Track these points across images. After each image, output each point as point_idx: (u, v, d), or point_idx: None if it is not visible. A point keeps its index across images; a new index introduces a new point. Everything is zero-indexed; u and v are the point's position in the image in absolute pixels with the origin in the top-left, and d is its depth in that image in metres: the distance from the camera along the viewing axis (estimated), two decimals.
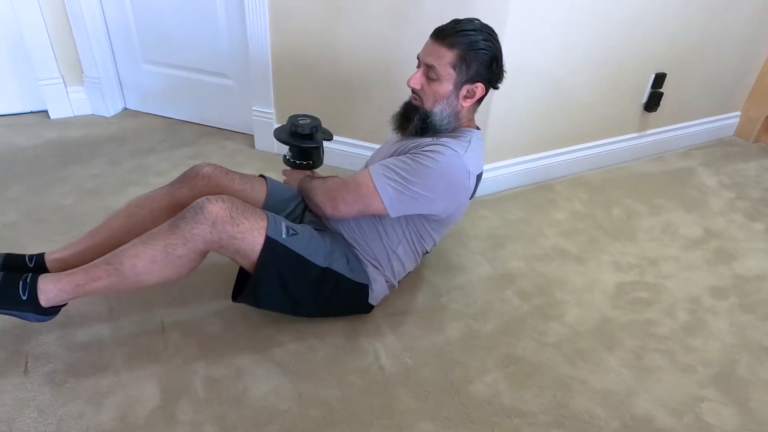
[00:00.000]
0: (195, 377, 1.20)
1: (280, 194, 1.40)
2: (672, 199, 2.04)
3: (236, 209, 1.12)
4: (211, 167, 1.34)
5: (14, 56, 2.21)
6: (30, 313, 1.10)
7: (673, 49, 2.07)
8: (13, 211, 1.71)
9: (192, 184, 1.31)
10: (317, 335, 1.32)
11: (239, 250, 1.13)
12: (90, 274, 1.09)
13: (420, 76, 1.18)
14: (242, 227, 1.11)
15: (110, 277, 1.09)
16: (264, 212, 1.19)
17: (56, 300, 1.11)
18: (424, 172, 1.14)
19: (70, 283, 1.09)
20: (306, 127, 1.32)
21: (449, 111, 1.19)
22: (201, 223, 1.08)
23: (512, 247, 1.71)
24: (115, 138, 2.22)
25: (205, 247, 1.11)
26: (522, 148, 1.96)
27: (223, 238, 1.10)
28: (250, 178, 1.38)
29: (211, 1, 2.05)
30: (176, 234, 1.09)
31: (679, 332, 1.41)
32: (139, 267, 1.09)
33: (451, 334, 1.36)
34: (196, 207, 1.10)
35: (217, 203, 1.10)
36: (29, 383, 1.15)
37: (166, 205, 1.28)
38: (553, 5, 1.67)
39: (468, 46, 1.13)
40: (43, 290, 1.09)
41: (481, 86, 1.19)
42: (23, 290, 1.08)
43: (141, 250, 1.09)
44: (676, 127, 2.36)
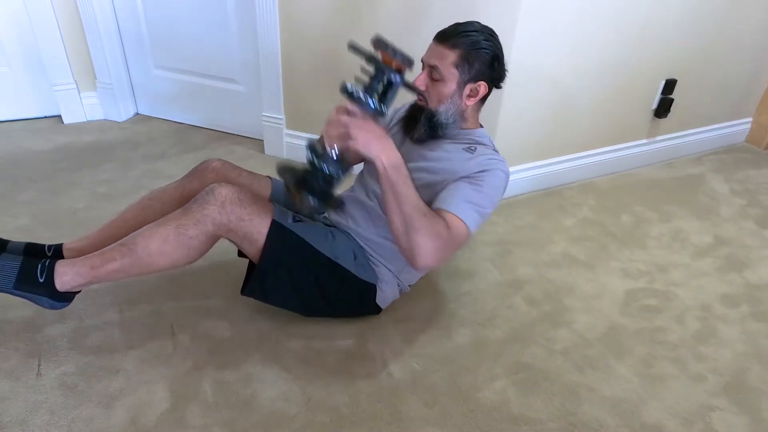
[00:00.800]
0: (204, 381, 1.20)
1: (285, 198, 1.41)
2: (682, 206, 2.02)
3: (244, 194, 1.17)
4: (220, 162, 1.38)
5: (29, 63, 2.25)
6: (45, 297, 1.13)
7: (683, 55, 2.06)
8: (25, 214, 1.74)
9: (201, 177, 1.35)
10: (326, 340, 1.32)
11: (247, 235, 1.16)
12: (105, 256, 1.13)
13: (424, 77, 1.20)
14: (249, 209, 1.15)
15: (123, 258, 1.12)
16: (270, 203, 1.24)
17: (71, 284, 1.14)
18: (492, 194, 1.18)
19: (85, 266, 1.13)
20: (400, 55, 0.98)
21: (454, 110, 1.21)
22: (211, 204, 1.13)
23: (521, 253, 1.71)
24: (127, 143, 2.25)
25: (214, 229, 1.14)
26: (531, 154, 1.96)
27: (232, 220, 1.14)
28: (256, 175, 1.42)
29: (223, 8, 2.07)
30: (188, 215, 1.13)
31: (690, 340, 1.40)
32: (151, 247, 1.12)
33: (459, 341, 1.36)
34: (207, 189, 1.16)
35: (227, 187, 1.16)
36: (41, 385, 1.16)
37: (178, 196, 1.33)
38: (562, 11, 1.68)
39: (470, 45, 1.15)
40: (59, 273, 1.12)
41: (484, 85, 1.20)
42: (41, 273, 1.12)
43: (154, 231, 1.13)
44: (686, 134, 2.35)
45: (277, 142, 2.18)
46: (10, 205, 1.79)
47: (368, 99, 0.99)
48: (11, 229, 1.66)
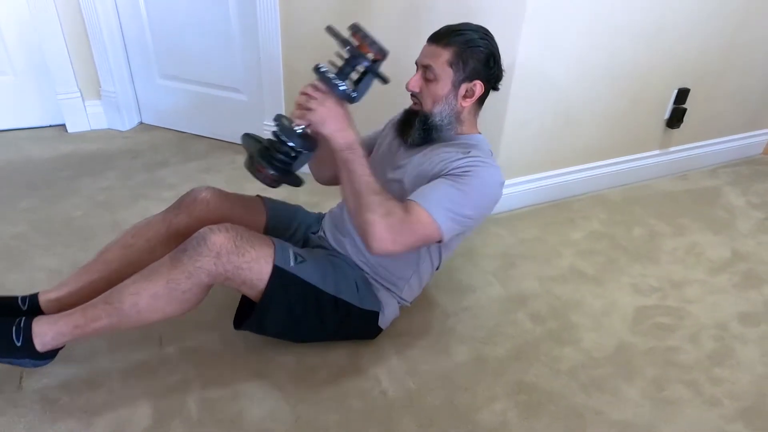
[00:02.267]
0: (190, 397, 1.16)
1: (281, 216, 1.35)
2: (697, 220, 1.94)
3: (241, 238, 1.06)
4: (209, 191, 1.26)
5: (35, 71, 2.26)
6: (26, 359, 1.04)
7: (696, 64, 2.00)
8: (23, 222, 1.72)
9: (190, 210, 1.23)
10: (319, 356, 1.27)
11: (246, 281, 1.07)
12: (88, 315, 1.04)
13: (418, 78, 1.15)
14: (248, 256, 1.05)
15: (110, 317, 1.04)
16: (269, 239, 1.13)
17: (53, 344, 1.05)
18: (474, 194, 1.09)
19: (68, 325, 1.04)
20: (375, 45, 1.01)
21: (449, 111, 1.15)
22: (204, 255, 1.02)
23: (526, 266, 1.64)
24: (129, 151, 2.23)
25: (209, 281, 1.05)
26: (538, 165, 1.90)
27: (229, 270, 1.04)
28: (248, 201, 1.32)
29: (226, 18, 2.06)
30: (179, 268, 1.03)
31: (705, 361, 1.32)
32: (140, 305, 1.03)
33: (458, 358, 1.29)
34: (198, 238, 1.04)
35: (221, 233, 1.04)
36: (22, 399, 1.12)
37: (164, 233, 1.21)
38: (571, 18, 1.63)
39: (464, 43, 1.11)
40: (38, 334, 1.03)
41: (480, 84, 1.14)
42: (17, 336, 1.02)
43: (142, 287, 1.04)
44: (701, 145, 2.27)
45: None
46: (10, 212, 1.77)
47: (337, 80, 1.00)
48: (7, 236, 1.64)
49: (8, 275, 1.48)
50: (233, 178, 2.08)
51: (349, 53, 1.01)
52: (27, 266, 1.52)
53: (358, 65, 1.01)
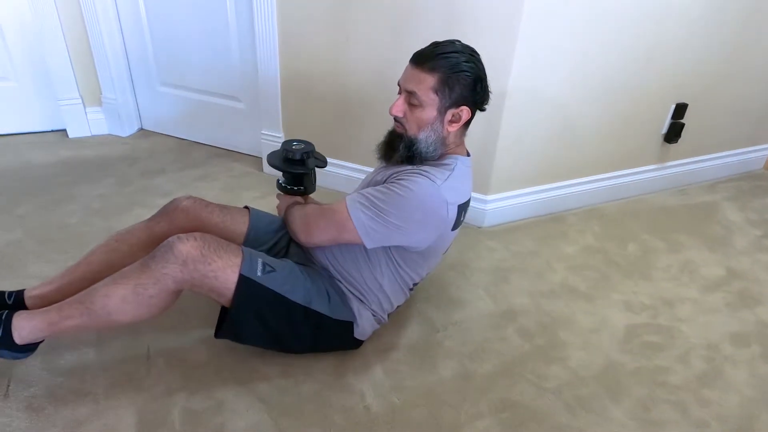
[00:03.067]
0: (174, 408, 1.16)
1: (263, 226, 1.36)
2: (693, 236, 1.93)
3: (208, 247, 1.09)
4: (190, 200, 1.31)
5: (37, 78, 2.29)
6: (4, 350, 1.09)
7: (694, 79, 1.99)
8: (18, 228, 1.74)
9: (171, 218, 1.28)
10: (304, 369, 1.27)
11: (213, 289, 1.10)
12: (62, 313, 1.09)
13: (402, 103, 1.14)
14: (214, 266, 1.08)
15: (82, 316, 1.08)
16: (239, 248, 1.15)
17: (30, 338, 1.09)
18: (398, 201, 1.09)
19: (43, 321, 1.08)
20: (297, 153, 1.29)
21: (435, 137, 1.14)
22: (171, 262, 1.06)
23: (517, 281, 1.64)
24: (128, 158, 2.25)
25: (176, 287, 1.08)
26: (533, 178, 1.90)
27: (195, 277, 1.07)
28: (231, 210, 1.35)
29: (225, 28, 2.08)
30: (146, 273, 1.07)
31: (694, 382, 1.31)
32: (110, 306, 1.07)
33: (443, 374, 1.29)
34: (166, 246, 1.08)
35: (188, 242, 1.07)
36: (7, 408, 1.13)
37: (145, 239, 1.26)
38: (565, 34, 1.63)
39: (449, 69, 1.08)
40: (16, 327, 1.08)
41: (467, 109, 1.13)
42: None
43: (112, 290, 1.07)
44: (699, 159, 2.25)
45: None
46: (6, 218, 1.79)
47: (285, 186, 1.36)
48: (2, 243, 1.66)
49: (1, 282, 1.49)
50: (230, 186, 2.09)
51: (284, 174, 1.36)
52: (20, 273, 1.53)
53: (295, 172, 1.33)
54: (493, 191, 1.84)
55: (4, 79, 2.26)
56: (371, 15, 1.73)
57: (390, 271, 1.24)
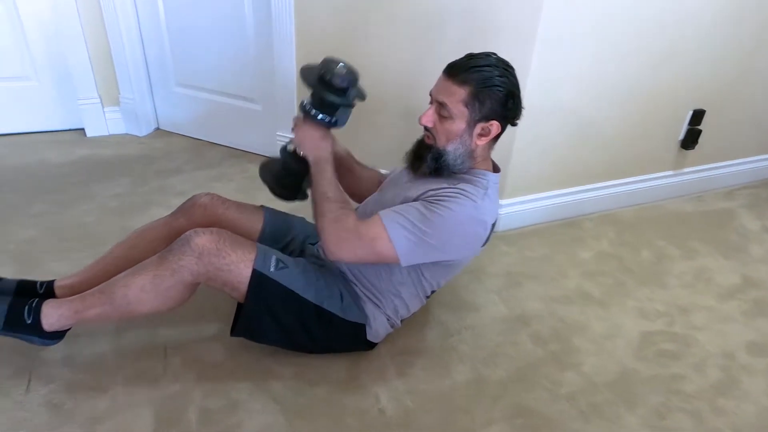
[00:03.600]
0: (190, 407, 1.17)
1: (278, 225, 1.38)
2: (709, 243, 1.91)
3: (223, 241, 1.12)
4: (209, 197, 1.35)
5: (57, 77, 2.32)
6: (35, 336, 1.15)
7: (712, 85, 1.97)
8: (34, 226, 1.76)
9: (189, 214, 1.32)
10: (318, 371, 1.28)
11: (227, 283, 1.13)
12: (86, 302, 1.14)
13: (432, 114, 1.14)
14: (228, 259, 1.11)
15: (104, 305, 1.13)
16: (254, 245, 1.18)
17: (57, 325, 1.15)
18: (440, 223, 1.09)
19: (69, 310, 1.14)
20: (342, 78, 1.09)
21: (463, 150, 1.13)
22: (187, 254, 1.10)
23: (531, 286, 1.63)
24: (144, 157, 2.28)
25: (192, 279, 1.12)
26: (548, 183, 1.89)
27: (210, 270, 1.11)
28: (246, 208, 1.38)
29: (242, 30, 2.10)
30: (164, 265, 1.11)
31: (709, 391, 1.30)
32: (129, 296, 1.12)
33: (457, 378, 1.29)
34: (183, 239, 1.12)
35: (204, 235, 1.11)
36: (28, 403, 1.15)
37: (165, 234, 1.30)
38: (583, 40, 1.62)
39: (481, 82, 1.07)
40: (45, 315, 1.14)
41: (497, 124, 1.13)
42: (28, 314, 1.13)
43: (131, 280, 1.12)
44: (716, 166, 2.23)
45: None
46: (23, 216, 1.82)
47: (313, 111, 1.14)
48: (18, 240, 1.69)
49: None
50: (244, 186, 2.10)
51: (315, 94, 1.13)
52: (38, 271, 1.55)
53: (326, 100, 1.12)
54: (508, 195, 1.83)
55: (25, 78, 2.29)
56: (390, 20, 1.73)
57: (411, 280, 1.24)
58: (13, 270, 1.54)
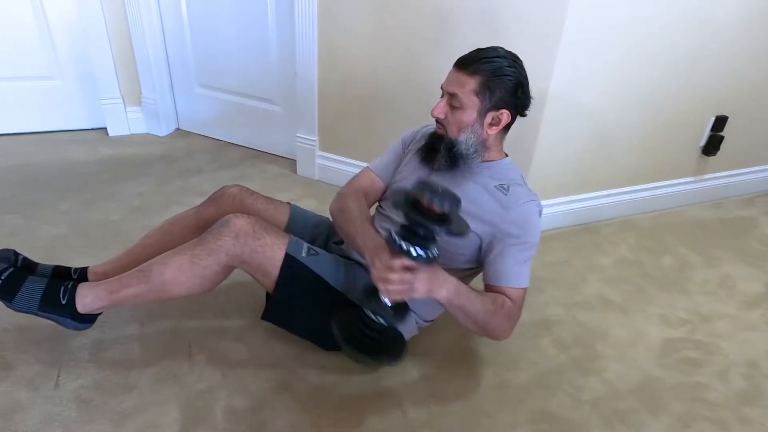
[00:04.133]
0: (216, 405, 1.19)
1: (303, 221, 1.40)
2: (730, 250, 1.90)
3: (259, 225, 1.17)
4: (238, 188, 1.39)
5: (81, 78, 2.36)
6: (68, 318, 1.17)
7: (735, 92, 1.96)
8: (63, 223, 1.79)
9: (219, 203, 1.36)
10: (341, 371, 1.29)
11: (260, 266, 1.16)
12: (122, 281, 1.16)
13: (443, 105, 1.16)
14: (263, 241, 1.15)
15: (140, 284, 1.15)
16: (286, 233, 1.22)
17: (91, 306, 1.17)
18: (536, 239, 1.19)
19: (104, 290, 1.17)
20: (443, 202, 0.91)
21: (474, 139, 1.16)
22: (225, 235, 1.13)
23: (551, 291, 1.63)
24: (166, 157, 2.30)
25: (228, 260, 1.15)
26: (567, 188, 1.89)
27: (245, 252, 1.14)
28: (273, 201, 1.41)
29: (264, 32, 2.12)
30: (202, 245, 1.15)
31: (734, 400, 1.29)
32: (166, 275, 1.14)
33: (480, 382, 1.29)
34: (222, 221, 1.16)
35: (242, 218, 1.16)
36: (58, 397, 1.17)
37: (195, 223, 1.35)
38: (606, 45, 1.62)
39: (491, 72, 1.11)
40: (80, 295, 1.16)
41: (507, 113, 1.15)
42: (63, 295, 1.16)
43: (169, 259, 1.16)
44: (737, 173, 2.22)
45: (309, 163, 2.19)
46: (52, 213, 1.85)
47: (420, 251, 0.95)
48: (49, 237, 1.71)
49: None
50: (265, 187, 2.11)
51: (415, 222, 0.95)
52: None
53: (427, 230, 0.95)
54: None
55: (50, 78, 2.34)
56: (411, 22, 1.74)
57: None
58: None
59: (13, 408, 1.14)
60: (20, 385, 1.19)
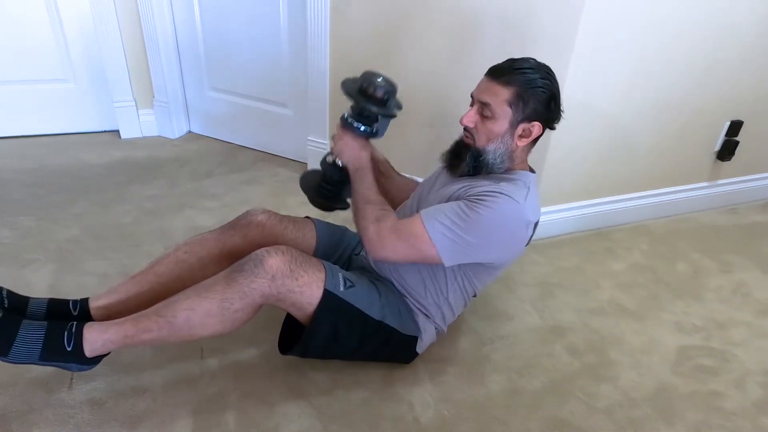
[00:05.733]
0: (228, 409, 1.19)
1: (329, 238, 1.37)
2: (745, 257, 1.88)
3: (295, 261, 1.09)
4: (265, 215, 1.30)
5: (94, 80, 2.38)
6: (73, 363, 1.06)
7: (751, 97, 1.94)
8: (76, 225, 1.81)
9: (245, 233, 1.27)
10: (353, 377, 1.28)
11: (296, 303, 1.11)
12: (140, 326, 1.06)
13: (474, 114, 1.14)
14: (301, 281, 1.09)
15: (161, 330, 1.06)
16: (320, 262, 1.16)
17: (101, 350, 1.07)
18: (481, 221, 1.07)
19: (118, 334, 1.06)
20: (381, 89, 1.14)
21: (503, 150, 1.14)
22: (260, 276, 1.05)
23: (564, 297, 1.62)
24: (177, 160, 2.32)
25: (262, 301, 1.08)
26: (580, 192, 1.88)
27: (282, 292, 1.07)
28: (300, 224, 1.34)
29: (276, 35, 2.12)
30: (233, 287, 1.06)
31: (750, 409, 1.27)
32: (193, 320, 1.06)
33: (492, 388, 1.28)
34: (255, 260, 1.07)
35: (277, 256, 1.07)
36: (72, 399, 1.18)
37: (217, 252, 1.24)
38: (620, 51, 1.61)
39: (525, 84, 1.08)
40: (89, 340, 1.05)
41: (538, 125, 1.13)
42: (68, 341, 1.04)
43: (196, 303, 1.06)
44: (752, 178, 2.19)
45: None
46: (64, 215, 1.86)
47: (355, 123, 1.19)
48: (61, 239, 1.73)
49: (60, 277, 1.55)
50: (276, 190, 2.13)
51: (355, 102, 1.17)
52: (78, 270, 1.59)
53: (367, 111, 1.17)
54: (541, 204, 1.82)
55: (64, 81, 2.36)
56: (425, 28, 1.74)
57: (456, 284, 1.24)
58: (52, 268, 1.58)
59: (27, 410, 1.14)
60: (34, 387, 1.20)
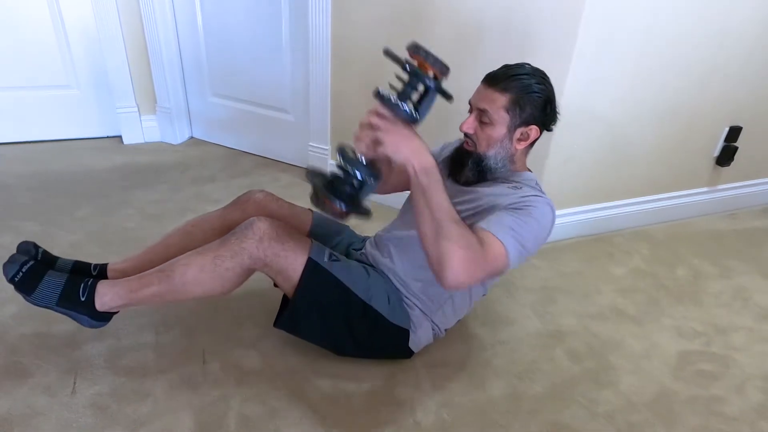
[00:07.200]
0: (230, 413, 1.19)
1: (325, 228, 1.41)
2: (745, 262, 1.88)
3: (282, 228, 1.18)
4: (263, 194, 1.39)
5: (98, 86, 2.40)
6: (85, 316, 1.17)
7: (749, 103, 1.95)
8: (80, 230, 1.82)
9: (243, 208, 1.37)
10: (355, 380, 1.29)
11: (282, 270, 1.17)
12: (143, 280, 1.17)
13: (472, 121, 1.17)
14: (286, 245, 1.16)
15: (161, 283, 1.15)
16: (308, 238, 1.23)
17: (110, 304, 1.18)
18: (534, 227, 1.10)
19: (124, 288, 1.17)
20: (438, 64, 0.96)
21: (503, 154, 1.17)
22: (249, 237, 1.14)
23: (565, 302, 1.63)
24: (179, 165, 2.33)
25: (250, 263, 1.15)
26: (580, 197, 1.89)
27: (268, 255, 1.14)
28: (296, 208, 1.43)
29: (278, 42, 2.14)
30: (226, 246, 1.15)
31: (751, 414, 1.28)
32: (188, 275, 1.15)
33: (493, 393, 1.29)
34: (246, 223, 1.17)
35: (266, 222, 1.16)
36: (75, 404, 1.18)
37: (219, 225, 1.34)
38: (620, 56, 1.63)
39: (521, 89, 1.11)
40: (99, 293, 1.17)
41: (536, 129, 1.16)
42: (83, 292, 1.16)
43: (192, 259, 1.16)
44: (751, 183, 2.20)
45: None
46: (68, 220, 1.87)
47: (400, 103, 0.95)
48: (65, 243, 1.74)
49: None
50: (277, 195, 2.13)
51: (409, 74, 0.96)
52: None
53: (418, 85, 0.96)
54: None
55: (67, 87, 2.38)
56: (426, 35, 1.76)
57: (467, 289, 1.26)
58: None
59: (30, 414, 1.15)
60: (38, 391, 1.20)
